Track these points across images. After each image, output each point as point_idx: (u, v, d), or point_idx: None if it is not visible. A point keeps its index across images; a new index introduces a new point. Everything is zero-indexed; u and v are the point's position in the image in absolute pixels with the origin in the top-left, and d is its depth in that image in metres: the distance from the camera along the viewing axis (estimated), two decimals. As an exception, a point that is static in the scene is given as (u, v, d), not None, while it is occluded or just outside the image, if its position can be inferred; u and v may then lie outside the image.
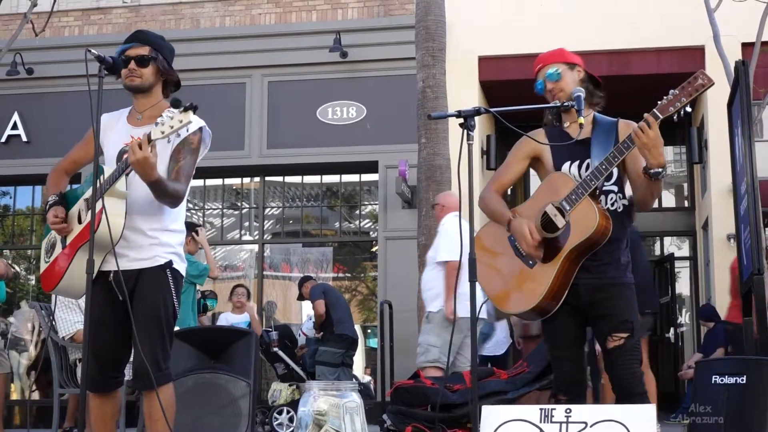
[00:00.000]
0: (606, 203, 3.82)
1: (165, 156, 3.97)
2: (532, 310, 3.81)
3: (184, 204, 4.15)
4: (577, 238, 3.71)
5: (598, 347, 5.59)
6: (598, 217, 3.67)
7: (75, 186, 4.25)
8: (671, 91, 3.59)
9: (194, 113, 3.74)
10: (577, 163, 3.86)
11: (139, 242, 3.98)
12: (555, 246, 3.75)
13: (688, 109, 3.62)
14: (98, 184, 3.80)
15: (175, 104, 3.75)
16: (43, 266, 4.21)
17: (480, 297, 3.80)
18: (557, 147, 3.89)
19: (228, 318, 8.01)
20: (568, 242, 3.72)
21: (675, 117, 3.60)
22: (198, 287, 8.04)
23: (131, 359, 4.18)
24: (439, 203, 7.44)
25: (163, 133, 3.73)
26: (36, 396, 12.38)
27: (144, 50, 4.08)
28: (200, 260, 7.89)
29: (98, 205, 3.80)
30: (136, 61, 4.05)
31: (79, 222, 4.00)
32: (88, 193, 3.90)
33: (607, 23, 11.34)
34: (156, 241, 4.02)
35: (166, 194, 3.90)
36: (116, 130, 4.06)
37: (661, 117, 3.57)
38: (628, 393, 3.72)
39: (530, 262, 3.81)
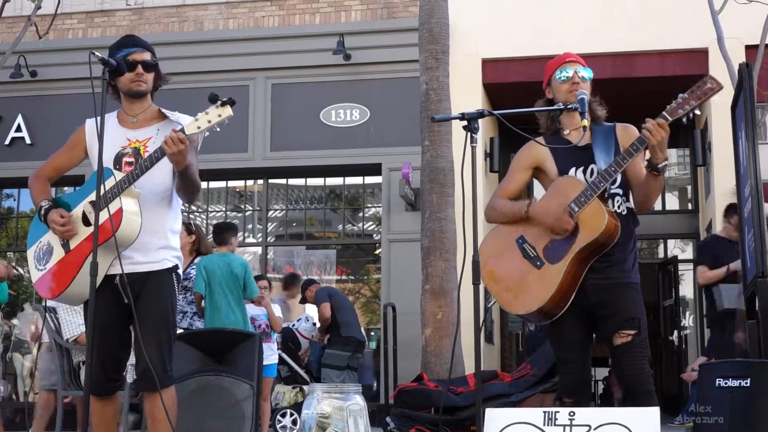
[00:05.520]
0: (613, 206, 3.83)
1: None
2: (539, 312, 3.81)
3: (180, 206, 4.17)
4: (585, 239, 3.72)
5: None
6: (607, 218, 3.69)
7: (68, 190, 4.23)
8: (680, 95, 3.61)
9: (231, 107, 3.78)
10: (582, 168, 3.87)
11: (148, 244, 3.98)
12: (563, 247, 3.75)
13: (697, 111, 3.63)
14: (104, 186, 3.80)
15: (213, 99, 3.78)
16: (37, 274, 4.08)
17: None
18: (561, 154, 3.90)
19: (248, 309, 7.99)
20: (576, 243, 3.73)
21: (685, 120, 3.62)
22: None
23: (131, 361, 4.19)
24: None
25: (199, 128, 3.78)
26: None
27: (147, 55, 4.08)
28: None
29: (115, 205, 3.80)
30: (143, 65, 4.04)
31: (86, 224, 3.97)
32: (93, 196, 3.88)
33: (611, 26, 11.33)
34: (164, 243, 4.04)
35: (192, 183, 3.95)
36: (108, 134, 3.96)
37: (671, 120, 3.59)
38: (637, 391, 3.72)
39: (538, 263, 3.81)
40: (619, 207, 3.86)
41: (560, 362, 3.97)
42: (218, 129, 3.84)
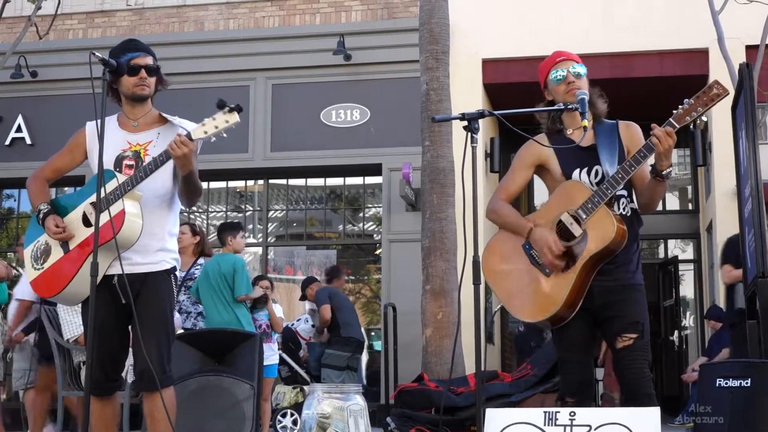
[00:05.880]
0: (618, 209, 3.82)
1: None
2: (549, 319, 3.81)
3: (179, 209, 4.18)
4: (595, 247, 3.70)
5: None
6: (616, 226, 3.68)
7: (69, 190, 4.25)
8: (686, 101, 3.59)
9: (239, 114, 3.82)
10: (586, 169, 3.85)
11: (146, 245, 3.99)
12: (571, 254, 3.75)
13: (704, 118, 3.61)
14: (104, 188, 3.81)
15: (221, 105, 3.82)
16: (34, 273, 4.11)
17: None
18: (564, 155, 3.87)
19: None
20: (585, 250, 3.71)
21: (691, 126, 3.61)
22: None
23: (131, 361, 4.19)
24: None
25: (206, 132, 3.81)
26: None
27: (150, 60, 4.09)
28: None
29: (118, 207, 3.82)
30: (146, 70, 4.05)
31: (86, 225, 3.98)
32: (94, 197, 3.88)
33: (611, 26, 11.33)
34: (162, 245, 4.05)
35: (195, 186, 3.98)
36: (108, 137, 3.97)
37: (678, 126, 3.57)
38: (637, 393, 3.72)
39: (547, 271, 3.80)
40: (624, 209, 3.84)
41: (562, 362, 3.97)
42: (225, 135, 3.86)
